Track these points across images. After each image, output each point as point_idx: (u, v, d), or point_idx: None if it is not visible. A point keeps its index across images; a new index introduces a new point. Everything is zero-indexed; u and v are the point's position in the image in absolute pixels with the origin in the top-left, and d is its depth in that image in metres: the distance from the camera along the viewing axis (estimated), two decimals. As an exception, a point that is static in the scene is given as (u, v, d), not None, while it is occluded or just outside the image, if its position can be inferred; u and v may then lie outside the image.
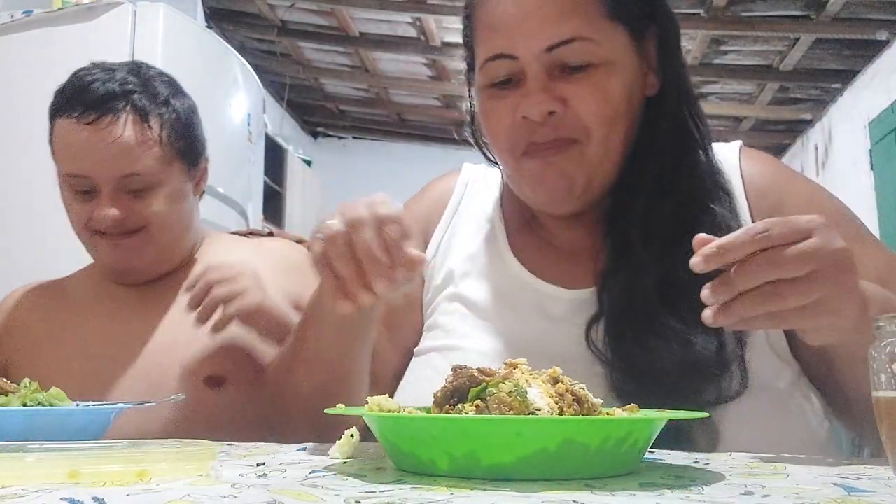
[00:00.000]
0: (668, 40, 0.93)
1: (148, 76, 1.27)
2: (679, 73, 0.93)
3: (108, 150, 1.18)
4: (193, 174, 1.31)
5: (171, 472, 0.50)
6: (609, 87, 0.86)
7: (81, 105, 1.20)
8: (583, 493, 0.46)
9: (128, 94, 1.22)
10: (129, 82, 1.23)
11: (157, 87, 1.26)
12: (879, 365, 0.51)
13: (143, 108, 1.22)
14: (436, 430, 0.52)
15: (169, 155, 1.23)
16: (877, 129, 4.83)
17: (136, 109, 1.21)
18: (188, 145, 1.28)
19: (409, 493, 0.45)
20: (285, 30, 5.36)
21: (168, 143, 1.23)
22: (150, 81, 1.26)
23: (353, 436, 0.63)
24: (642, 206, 0.89)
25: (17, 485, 0.46)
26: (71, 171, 1.21)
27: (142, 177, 1.20)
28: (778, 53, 4.87)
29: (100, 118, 1.19)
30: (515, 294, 0.94)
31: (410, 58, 5.57)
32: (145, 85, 1.25)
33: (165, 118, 1.24)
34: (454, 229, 1.03)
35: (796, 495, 0.46)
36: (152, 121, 1.22)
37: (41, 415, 0.76)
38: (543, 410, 0.53)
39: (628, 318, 0.84)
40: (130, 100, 1.21)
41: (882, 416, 0.51)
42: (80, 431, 0.75)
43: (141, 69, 1.29)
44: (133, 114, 1.21)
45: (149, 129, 1.21)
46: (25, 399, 0.77)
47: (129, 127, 1.20)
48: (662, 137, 0.91)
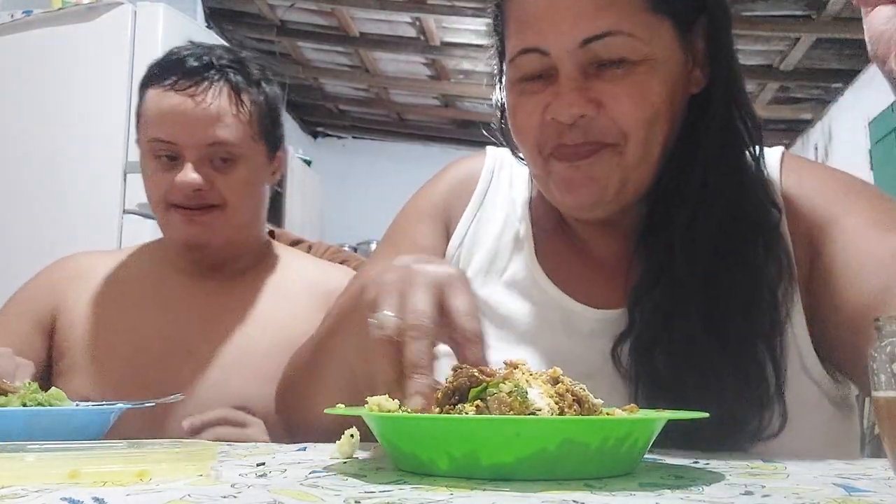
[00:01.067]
0: (718, 32, 0.84)
1: (243, 57, 1.30)
2: (729, 67, 0.85)
3: (198, 115, 1.19)
4: (272, 160, 1.32)
5: (171, 472, 0.50)
6: (649, 86, 0.79)
7: (177, 74, 1.22)
8: (583, 493, 0.46)
9: (223, 68, 1.24)
10: (224, 58, 1.25)
11: (250, 68, 1.28)
12: (879, 365, 0.51)
13: (237, 84, 1.24)
14: (436, 430, 0.52)
15: (254, 133, 1.25)
16: (877, 128, 4.82)
17: (230, 83, 1.23)
18: (272, 130, 1.30)
19: (409, 493, 0.45)
20: (285, 30, 5.37)
21: (256, 121, 1.25)
22: (245, 62, 1.28)
23: (353, 436, 0.63)
24: (685, 217, 0.81)
25: (17, 485, 0.46)
26: (157, 135, 1.21)
27: (227, 147, 1.21)
28: (778, 53, 4.87)
29: (195, 85, 1.20)
30: (540, 308, 0.89)
31: (410, 58, 5.57)
32: (240, 64, 1.27)
33: (255, 97, 1.26)
34: (479, 222, 0.97)
35: (796, 495, 0.46)
36: (244, 97, 1.24)
37: (41, 415, 0.76)
38: (543, 411, 0.53)
39: (663, 340, 0.79)
40: (226, 73, 1.23)
41: (882, 416, 0.51)
42: (80, 431, 0.75)
43: (235, 51, 1.32)
44: (227, 86, 1.23)
45: (241, 103, 1.23)
46: (25, 399, 0.77)
47: (223, 97, 1.22)
48: (708, 139, 0.83)
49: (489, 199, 0.99)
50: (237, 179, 1.23)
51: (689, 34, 0.84)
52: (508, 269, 0.93)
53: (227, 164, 1.22)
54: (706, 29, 0.84)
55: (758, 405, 0.76)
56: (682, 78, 0.83)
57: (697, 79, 0.85)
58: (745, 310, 0.70)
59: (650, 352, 0.79)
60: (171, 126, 1.21)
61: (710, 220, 0.81)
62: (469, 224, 0.97)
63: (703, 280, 0.79)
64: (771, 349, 0.78)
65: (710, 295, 0.78)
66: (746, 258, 0.80)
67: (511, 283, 0.92)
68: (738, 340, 0.76)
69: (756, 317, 0.78)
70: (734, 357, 0.76)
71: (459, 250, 0.96)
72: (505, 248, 0.94)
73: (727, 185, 0.82)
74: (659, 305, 0.80)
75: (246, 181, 1.25)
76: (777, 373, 0.77)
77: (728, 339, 0.77)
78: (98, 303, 1.27)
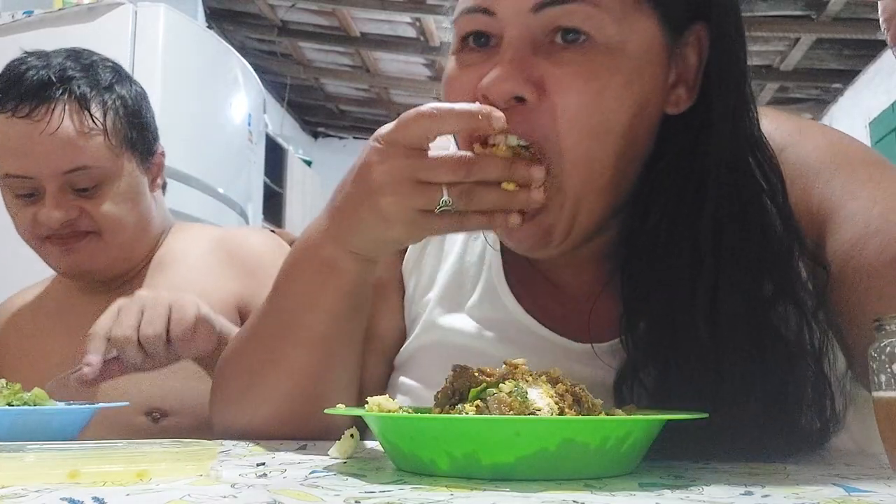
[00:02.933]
0: (721, 47, 0.68)
1: (89, 62, 1.15)
2: (734, 93, 0.68)
3: (46, 143, 1.06)
4: (148, 167, 1.19)
5: (171, 472, 0.50)
6: (606, 82, 0.64)
7: (15, 97, 1.07)
8: (583, 493, 0.46)
9: (65, 80, 1.09)
10: (66, 68, 1.10)
11: (98, 73, 1.13)
12: (879, 365, 0.51)
13: (83, 95, 1.09)
14: (436, 430, 0.52)
15: (116, 146, 1.11)
16: (877, 128, 4.83)
17: (74, 97, 1.08)
18: (138, 135, 1.16)
19: (409, 493, 0.45)
20: (286, 30, 5.37)
21: (114, 133, 1.11)
22: (92, 67, 1.14)
23: (353, 435, 0.63)
24: (705, 282, 0.65)
25: (17, 485, 0.46)
26: (10, 170, 1.09)
27: (88, 171, 1.08)
28: (778, 53, 4.88)
29: (34, 109, 1.06)
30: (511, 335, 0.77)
31: (410, 58, 5.58)
32: (86, 70, 1.12)
33: (109, 105, 1.11)
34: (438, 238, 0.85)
35: (796, 495, 0.46)
36: (94, 108, 1.09)
37: (28, 414, 0.77)
38: (543, 411, 0.53)
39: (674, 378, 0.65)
40: (68, 87, 1.08)
41: (882, 416, 0.51)
42: (61, 430, 0.76)
43: (81, 55, 1.16)
44: (71, 102, 1.08)
45: (90, 117, 1.09)
46: (11, 399, 0.78)
47: (68, 116, 1.07)
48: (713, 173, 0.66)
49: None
50: (107, 203, 1.11)
51: (680, 40, 0.69)
52: (475, 294, 0.80)
53: (93, 189, 1.10)
54: (705, 42, 0.69)
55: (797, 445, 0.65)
56: (656, 89, 0.68)
57: (679, 98, 0.69)
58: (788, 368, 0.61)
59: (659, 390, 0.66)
60: (21, 159, 1.07)
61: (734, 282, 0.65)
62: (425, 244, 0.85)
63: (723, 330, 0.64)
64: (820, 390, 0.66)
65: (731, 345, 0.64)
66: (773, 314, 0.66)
67: (476, 314, 0.79)
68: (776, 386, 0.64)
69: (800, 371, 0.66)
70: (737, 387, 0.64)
71: (419, 263, 0.85)
72: (470, 267, 0.82)
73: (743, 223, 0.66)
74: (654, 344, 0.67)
75: (118, 202, 1.12)
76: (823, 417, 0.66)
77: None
78: (19, 337, 1.23)
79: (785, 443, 0.65)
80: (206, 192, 2.94)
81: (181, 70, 2.88)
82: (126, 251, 1.18)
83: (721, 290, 0.65)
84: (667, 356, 0.66)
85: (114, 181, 1.11)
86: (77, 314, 1.18)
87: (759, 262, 0.66)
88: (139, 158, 1.16)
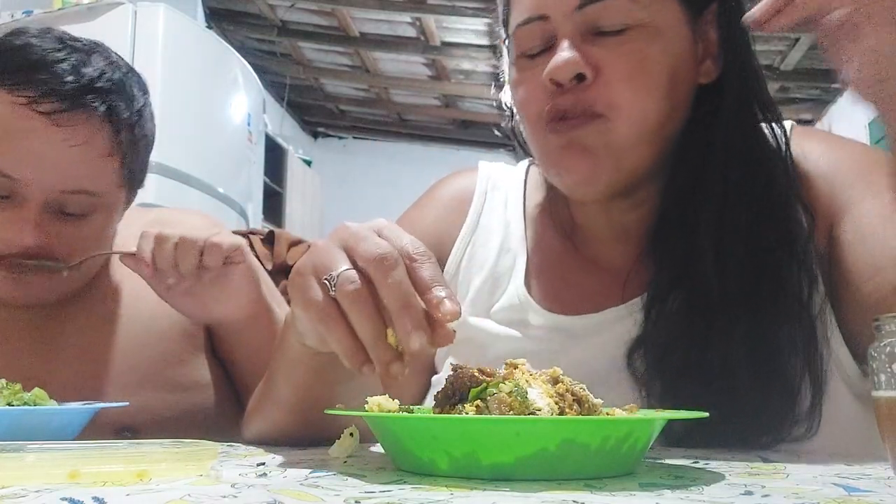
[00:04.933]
0: (731, 21, 0.81)
1: (124, 72, 0.99)
2: (745, 59, 0.82)
3: (59, 153, 0.90)
4: (131, 200, 1.05)
5: (171, 472, 0.50)
6: (648, 53, 0.77)
7: (39, 87, 0.90)
8: (583, 493, 0.46)
9: (104, 92, 0.93)
10: (103, 74, 0.94)
11: (132, 90, 0.98)
12: (879, 365, 0.51)
13: (118, 115, 0.94)
14: (436, 430, 0.52)
15: (123, 179, 0.98)
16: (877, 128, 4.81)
17: (111, 113, 0.94)
18: (141, 172, 1.03)
19: (409, 493, 0.45)
20: (285, 30, 5.37)
21: (128, 164, 0.97)
22: (126, 79, 0.98)
23: (352, 434, 0.63)
24: (711, 217, 0.78)
25: (17, 485, 0.46)
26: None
27: (87, 197, 0.93)
28: (778, 53, 4.88)
29: (66, 110, 0.90)
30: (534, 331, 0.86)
31: (410, 58, 5.58)
32: (122, 82, 0.97)
33: (136, 132, 0.98)
34: (474, 247, 0.93)
35: (796, 495, 0.46)
36: (123, 132, 0.95)
37: (29, 414, 0.77)
38: (543, 411, 0.53)
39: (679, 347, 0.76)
40: (106, 100, 0.93)
41: (882, 416, 0.51)
42: (61, 430, 0.76)
43: (111, 58, 0.99)
44: (105, 118, 0.93)
45: (117, 142, 0.94)
46: (11, 399, 0.78)
47: (96, 130, 0.92)
48: (722, 132, 0.80)
49: (483, 224, 0.94)
50: (89, 235, 0.96)
51: (700, 19, 0.81)
52: (502, 299, 0.89)
53: (80, 216, 0.94)
54: (718, 18, 0.82)
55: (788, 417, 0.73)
56: (687, 61, 0.80)
57: (708, 69, 0.82)
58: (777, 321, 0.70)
59: (667, 357, 0.77)
60: (17, 154, 0.89)
61: (738, 221, 0.77)
62: (464, 250, 0.93)
63: (730, 286, 0.76)
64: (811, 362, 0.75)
65: (736, 302, 0.75)
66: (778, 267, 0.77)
67: (498, 312, 0.88)
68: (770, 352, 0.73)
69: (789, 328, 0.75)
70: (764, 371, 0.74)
71: (455, 278, 0.92)
72: (503, 274, 0.91)
73: (753, 184, 0.78)
74: (678, 310, 0.78)
75: (98, 236, 0.98)
76: (815, 386, 0.74)
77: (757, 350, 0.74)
78: None
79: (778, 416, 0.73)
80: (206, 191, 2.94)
81: (181, 70, 2.88)
82: (82, 282, 1.02)
83: (726, 235, 0.77)
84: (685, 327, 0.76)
85: (103, 213, 0.97)
86: (6, 329, 1.01)
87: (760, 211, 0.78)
88: (128, 195, 1.02)
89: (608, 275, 0.87)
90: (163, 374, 1.00)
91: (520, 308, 0.87)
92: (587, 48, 0.77)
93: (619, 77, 0.77)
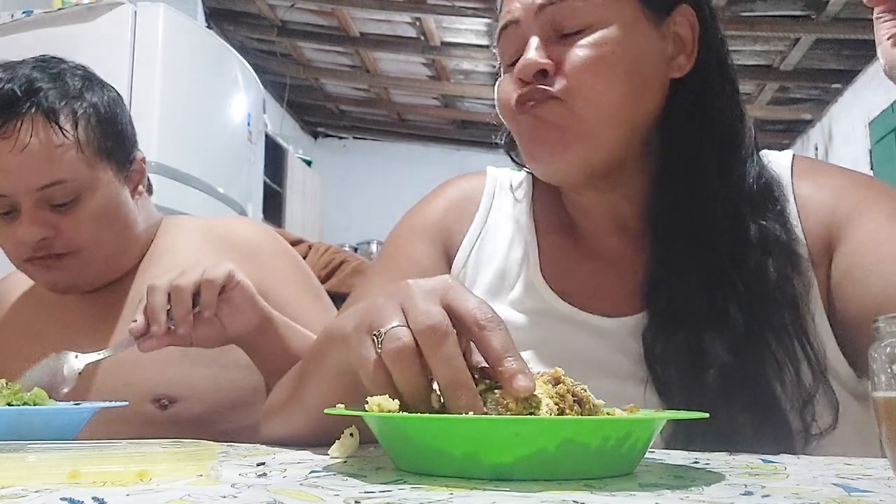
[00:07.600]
0: (702, 19, 0.87)
1: (57, 70, 1.12)
2: (716, 58, 0.87)
3: (17, 160, 1.05)
4: (126, 175, 1.17)
5: (171, 472, 0.50)
6: (603, 46, 0.82)
7: None
8: (583, 493, 0.46)
9: (32, 93, 1.07)
10: (33, 80, 1.08)
11: (67, 82, 1.11)
12: (879, 365, 0.51)
13: (51, 108, 1.07)
14: (436, 430, 0.52)
15: (91, 157, 1.10)
16: (877, 129, 4.83)
17: (41, 110, 1.07)
18: (114, 143, 1.14)
19: (409, 493, 0.45)
20: (285, 30, 5.38)
21: (87, 144, 1.09)
22: (60, 76, 1.12)
23: (352, 434, 0.63)
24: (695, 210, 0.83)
25: (17, 485, 0.46)
26: None
27: (63, 185, 1.07)
28: (778, 53, 4.88)
29: (4, 125, 1.05)
30: (548, 321, 0.88)
31: (410, 58, 5.58)
32: (53, 80, 1.10)
33: (80, 115, 1.10)
34: (484, 241, 0.96)
35: (796, 495, 0.46)
36: (63, 120, 1.08)
37: (29, 414, 0.77)
38: (543, 411, 0.53)
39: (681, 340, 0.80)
40: (35, 100, 1.07)
41: (882, 416, 0.51)
42: (61, 429, 0.76)
43: (48, 63, 1.14)
44: (39, 115, 1.07)
45: (60, 129, 1.07)
46: (11, 399, 0.78)
47: (37, 131, 1.06)
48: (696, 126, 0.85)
49: (492, 221, 0.97)
50: (85, 217, 1.09)
51: (668, 20, 0.86)
52: (516, 288, 0.92)
53: (70, 205, 1.08)
54: (693, 20, 0.87)
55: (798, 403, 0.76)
56: (651, 55, 0.85)
57: (680, 64, 0.87)
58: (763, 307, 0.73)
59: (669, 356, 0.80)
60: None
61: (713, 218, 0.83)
62: (473, 244, 0.96)
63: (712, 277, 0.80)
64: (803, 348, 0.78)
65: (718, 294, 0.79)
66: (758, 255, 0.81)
67: (517, 300, 0.91)
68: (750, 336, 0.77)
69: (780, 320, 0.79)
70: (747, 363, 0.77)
71: (464, 270, 0.95)
72: (513, 265, 0.93)
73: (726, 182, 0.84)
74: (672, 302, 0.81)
75: (96, 215, 1.10)
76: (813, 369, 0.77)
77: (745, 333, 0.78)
78: (6, 328, 1.22)
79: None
80: (206, 191, 2.94)
81: (181, 70, 2.88)
82: (111, 263, 1.17)
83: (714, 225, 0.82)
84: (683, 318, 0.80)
85: (91, 193, 1.09)
86: (71, 309, 1.18)
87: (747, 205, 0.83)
88: (116, 168, 1.14)
89: (614, 271, 0.90)
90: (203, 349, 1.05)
91: (537, 297, 0.90)
92: (550, 47, 0.84)
93: (575, 67, 0.82)
